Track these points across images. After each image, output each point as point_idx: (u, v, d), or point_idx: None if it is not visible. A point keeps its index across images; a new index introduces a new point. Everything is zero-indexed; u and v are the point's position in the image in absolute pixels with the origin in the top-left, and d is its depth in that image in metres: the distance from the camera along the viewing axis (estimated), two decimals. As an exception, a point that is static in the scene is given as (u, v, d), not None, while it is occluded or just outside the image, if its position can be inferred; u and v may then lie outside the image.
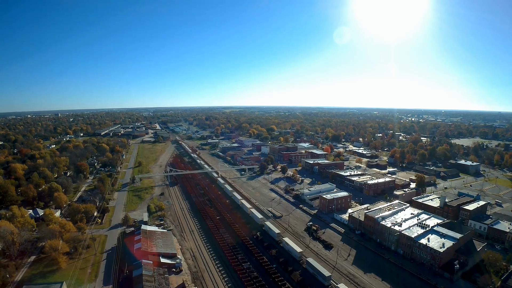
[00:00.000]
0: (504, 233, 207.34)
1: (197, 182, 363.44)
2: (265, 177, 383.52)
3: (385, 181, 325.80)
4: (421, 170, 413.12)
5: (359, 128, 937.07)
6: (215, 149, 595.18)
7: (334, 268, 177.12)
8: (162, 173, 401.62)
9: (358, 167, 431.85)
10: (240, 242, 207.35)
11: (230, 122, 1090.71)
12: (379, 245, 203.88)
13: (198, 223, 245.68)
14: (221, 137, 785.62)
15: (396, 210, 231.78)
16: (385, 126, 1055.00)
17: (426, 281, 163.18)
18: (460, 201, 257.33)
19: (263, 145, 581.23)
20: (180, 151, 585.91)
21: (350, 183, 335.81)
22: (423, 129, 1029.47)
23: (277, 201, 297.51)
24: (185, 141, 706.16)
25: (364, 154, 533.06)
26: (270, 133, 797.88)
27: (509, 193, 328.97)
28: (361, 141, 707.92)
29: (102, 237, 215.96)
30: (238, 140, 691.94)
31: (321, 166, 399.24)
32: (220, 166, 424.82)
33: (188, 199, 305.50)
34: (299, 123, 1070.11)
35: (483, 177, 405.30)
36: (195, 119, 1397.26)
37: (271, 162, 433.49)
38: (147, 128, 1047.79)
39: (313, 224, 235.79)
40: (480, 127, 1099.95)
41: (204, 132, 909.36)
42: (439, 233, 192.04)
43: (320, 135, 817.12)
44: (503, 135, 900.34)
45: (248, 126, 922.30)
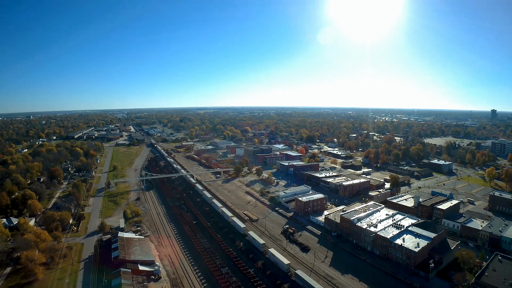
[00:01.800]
0: (476, 231, 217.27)
1: (173, 186, 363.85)
2: (240, 179, 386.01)
3: (360, 182, 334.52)
4: (395, 170, 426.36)
5: (334, 129, 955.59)
6: (190, 152, 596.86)
7: (312, 271, 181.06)
8: (137, 177, 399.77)
9: (333, 168, 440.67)
10: (218, 247, 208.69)
11: (204, 124, 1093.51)
12: (355, 246, 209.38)
13: (175, 228, 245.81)
14: (196, 139, 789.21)
15: (371, 211, 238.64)
16: (359, 126, 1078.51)
17: (402, 280, 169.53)
18: (433, 201, 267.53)
19: (238, 147, 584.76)
20: (155, 154, 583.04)
21: (325, 184, 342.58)
22: (396, 128, 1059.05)
23: (253, 204, 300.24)
24: (160, 144, 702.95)
25: (339, 155, 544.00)
26: (245, 134, 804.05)
27: (481, 191, 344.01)
28: (335, 141, 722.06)
29: (78, 246, 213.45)
30: (213, 142, 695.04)
31: (296, 168, 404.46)
32: (195, 169, 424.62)
33: (165, 204, 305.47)
34: (274, 124, 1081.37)
35: (455, 175, 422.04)
36: (169, 121, 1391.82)
37: (246, 164, 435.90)
38: (122, 131, 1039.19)
39: (290, 227, 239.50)
40: (452, 126, 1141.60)
41: (179, 134, 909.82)
42: (413, 233, 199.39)
43: (294, 136, 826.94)
44: (475, 134, 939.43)
45: (223, 128, 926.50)
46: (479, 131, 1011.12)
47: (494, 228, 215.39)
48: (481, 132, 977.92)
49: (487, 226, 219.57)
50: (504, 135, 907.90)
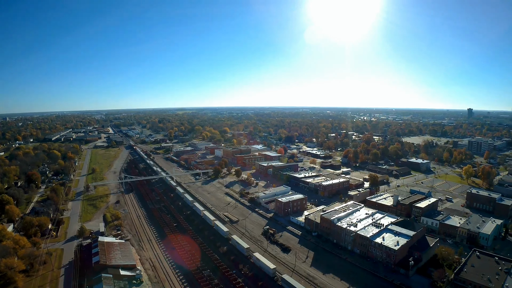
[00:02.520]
0: (455, 228, 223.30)
1: (152, 188, 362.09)
2: (220, 181, 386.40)
3: (339, 182, 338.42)
4: (374, 169, 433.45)
5: (313, 128, 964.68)
6: (169, 153, 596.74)
7: (293, 271, 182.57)
8: (116, 180, 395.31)
9: (312, 168, 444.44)
10: (200, 250, 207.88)
11: (183, 125, 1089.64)
12: (336, 245, 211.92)
13: (155, 231, 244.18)
14: (175, 141, 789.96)
15: (351, 211, 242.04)
16: (338, 126, 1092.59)
17: (383, 278, 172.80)
18: (412, 199, 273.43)
19: (217, 148, 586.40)
20: (135, 156, 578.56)
21: (305, 185, 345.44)
22: (375, 128, 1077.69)
23: (233, 205, 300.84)
24: (138, 146, 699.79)
25: (318, 155, 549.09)
26: (223, 135, 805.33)
27: (459, 188, 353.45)
28: (314, 141, 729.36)
29: (58, 251, 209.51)
30: (192, 144, 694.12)
31: (275, 168, 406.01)
32: (174, 171, 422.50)
33: (145, 206, 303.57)
34: (252, 125, 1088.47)
35: (433, 174, 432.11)
36: (148, 122, 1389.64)
37: (225, 165, 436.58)
38: (100, 132, 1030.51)
39: (270, 227, 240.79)
40: (430, 125, 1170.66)
41: (158, 135, 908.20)
42: (393, 231, 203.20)
43: (273, 136, 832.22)
44: (452, 133, 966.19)
45: (201, 129, 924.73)
46: (456, 129, 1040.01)
47: (471, 225, 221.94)
48: (458, 131, 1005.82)
49: (465, 223, 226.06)
50: (480, 133, 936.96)
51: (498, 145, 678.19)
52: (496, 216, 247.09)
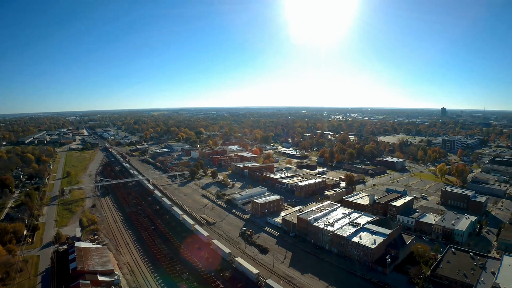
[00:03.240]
0: (430, 225, 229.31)
1: (129, 191, 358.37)
2: (196, 182, 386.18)
3: (315, 182, 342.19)
4: (350, 169, 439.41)
5: (288, 128, 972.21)
6: (145, 155, 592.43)
7: (272, 272, 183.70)
8: (92, 183, 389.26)
9: (288, 169, 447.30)
10: (177, 252, 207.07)
11: (159, 126, 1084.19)
12: (314, 245, 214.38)
13: (133, 235, 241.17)
14: (151, 142, 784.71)
15: (328, 211, 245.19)
16: (313, 126, 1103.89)
17: (361, 276, 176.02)
18: (388, 198, 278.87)
19: (193, 150, 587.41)
20: (110, 158, 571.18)
21: (281, 185, 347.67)
22: (350, 127, 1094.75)
23: (210, 207, 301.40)
24: (114, 148, 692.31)
25: (293, 155, 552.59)
26: (199, 136, 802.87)
27: (433, 186, 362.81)
28: (290, 141, 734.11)
29: (34, 258, 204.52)
30: (168, 145, 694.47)
31: (251, 169, 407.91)
32: (151, 173, 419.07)
33: (121, 210, 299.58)
34: (228, 125, 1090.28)
35: (408, 172, 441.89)
36: (123, 123, 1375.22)
37: (201, 167, 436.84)
38: (74, 135, 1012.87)
39: (247, 229, 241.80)
40: (404, 124, 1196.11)
41: (133, 137, 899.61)
42: (370, 230, 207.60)
43: (249, 136, 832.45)
44: (426, 131, 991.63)
45: (177, 130, 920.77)
46: (430, 128, 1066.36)
47: (446, 222, 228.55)
48: (432, 130, 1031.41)
49: (440, 220, 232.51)
50: (453, 132, 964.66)
51: (471, 143, 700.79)
52: (470, 213, 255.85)
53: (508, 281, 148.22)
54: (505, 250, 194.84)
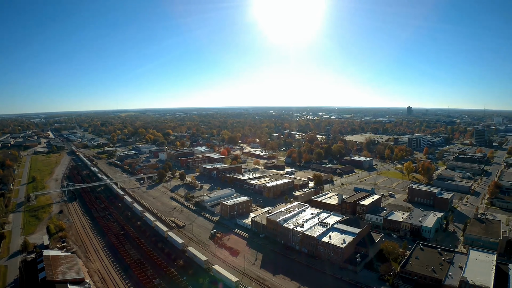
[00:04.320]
0: (398, 223, 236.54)
1: (96, 196, 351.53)
2: (165, 185, 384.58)
3: (284, 183, 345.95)
4: (318, 169, 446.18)
5: (255, 129, 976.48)
6: (112, 158, 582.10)
7: (243, 274, 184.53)
8: (59, 188, 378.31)
9: (256, 169, 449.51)
10: (147, 257, 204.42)
11: (126, 128, 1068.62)
12: (284, 246, 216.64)
13: (102, 241, 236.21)
14: (118, 144, 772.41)
15: (297, 211, 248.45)
16: (281, 126, 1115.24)
17: (332, 275, 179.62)
18: (356, 197, 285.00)
19: (160, 151, 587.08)
20: (77, 162, 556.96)
21: (249, 186, 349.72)
22: (318, 127, 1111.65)
23: (179, 209, 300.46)
24: (81, 150, 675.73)
25: (261, 156, 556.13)
26: (167, 137, 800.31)
27: (400, 184, 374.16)
28: (257, 142, 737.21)
29: (2, 268, 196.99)
30: (135, 147, 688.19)
31: (219, 171, 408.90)
32: (118, 176, 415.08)
33: (89, 215, 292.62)
34: (195, 126, 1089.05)
35: (376, 171, 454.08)
36: (90, 125, 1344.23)
37: (169, 169, 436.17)
38: (40, 137, 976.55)
39: (217, 231, 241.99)
40: (371, 123, 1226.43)
41: (100, 139, 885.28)
42: (339, 229, 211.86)
43: (216, 137, 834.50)
44: (392, 130, 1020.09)
45: (145, 132, 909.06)
46: (396, 127, 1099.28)
47: (414, 219, 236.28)
48: (398, 128, 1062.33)
49: (408, 218, 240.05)
50: (419, 130, 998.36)
51: (436, 141, 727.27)
52: (437, 209, 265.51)
53: (475, 274, 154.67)
54: (471, 244, 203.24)
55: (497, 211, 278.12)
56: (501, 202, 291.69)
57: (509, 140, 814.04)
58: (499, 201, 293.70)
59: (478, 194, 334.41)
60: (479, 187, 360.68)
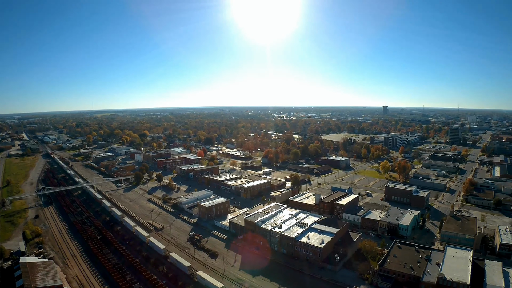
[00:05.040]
0: (375, 222, 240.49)
1: (73, 199, 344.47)
2: (142, 187, 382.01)
3: (261, 183, 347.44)
4: (295, 169, 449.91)
5: (232, 129, 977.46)
6: (88, 160, 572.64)
7: (223, 276, 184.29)
8: (34, 192, 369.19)
9: (233, 170, 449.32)
10: (128, 263, 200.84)
11: (102, 129, 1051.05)
12: (263, 247, 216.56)
13: (80, 246, 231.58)
14: (94, 146, 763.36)
15: (274, 212, 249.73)
16: (257, 126, 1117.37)
17: (311, 275, 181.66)
18: (334, 197, 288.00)
19: (137, 153, 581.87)
20: (53, 165, 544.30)
21: (226, 187, 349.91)
22: (294, 126, 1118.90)
23: (156, 212, 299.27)
24: (56, 153, 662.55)
25: (238, 156, 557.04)
26: (143, 139, 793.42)
27: (377, 183, 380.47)
28: (234, 142, 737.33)
29: None
30: (111, 149, 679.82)
31: (196, 172, 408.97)
32: (95, 179, 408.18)
33: (66, 220, 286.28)
34: (171, 127, 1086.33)
35: (352, 170, 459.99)
36: (65, 126, 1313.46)
37: (146, 170, 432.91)
38: (14, 139, 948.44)
39: (195, 233, 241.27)
40: (348, 122, 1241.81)
41: (76, 141, 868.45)
42: (317, 230, 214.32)
43: (192, 138, 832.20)
44: (368, 129, 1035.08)
45: (121, 133, 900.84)
46: (372, 126, 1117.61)
47: (391, 218, 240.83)
48: (374, 127, 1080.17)
49: (385, 216, 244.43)
50: (395, 129, 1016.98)
51: (412, 140, 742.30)
52: (413, 208, 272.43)
53: (452, 271, 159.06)
54: (448, 241, 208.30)
55: (472, 208, 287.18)
56: (476, 199, 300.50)
57: (483, 138, 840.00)
58: (474, 198, 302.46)
59: (453, 191, 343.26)
60: (454, 184, 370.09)
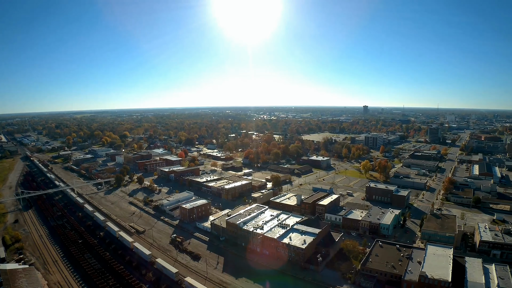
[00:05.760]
0: (357, 221, 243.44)
1: (53, 203, 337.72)
2: (123, 189, 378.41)
3: (242, 184, 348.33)
4: (276, 169, 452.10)
5: (212, 130, 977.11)
6: (68, 162, 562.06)
7: (206, 279, 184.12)
8: (13, 196, 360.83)
9: (214, 171, 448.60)
10: (112, 269, 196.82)
11: (82, 130, 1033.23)
12: (245, 249, 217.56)
13: (60, 251, 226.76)
14: (74, 148, 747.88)
15: (256, 213, 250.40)
16: (238, 126, 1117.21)
17: (294, 276, 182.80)
18: (315, 197, 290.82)
19: (117, 154, 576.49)
20: (32, 168, 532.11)
21: (207, 189, 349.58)
22: (275, 127, 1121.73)
23: (138, 214, 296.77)
24: (35, 155, 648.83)
25: (218, 157, 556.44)
26: (124, 140, 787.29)
27: (358, 183, 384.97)
28: (214, 143, 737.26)
29: None
30: (92, 150, 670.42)
31: (177, 173, 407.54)
32: (75, 182, 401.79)
33: (46, 224, 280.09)
34: (152, 128, 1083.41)
35: (334, 170, 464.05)
36: (44, 128, 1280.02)
37: (127, 172, 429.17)
38: None
39: (177, 236, 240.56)
40: (328, 122, 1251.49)
41: (56, 142, 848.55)
42: (299, 230, 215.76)
43: (173, 139, 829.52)
44: (349, 129, 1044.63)
45: (101, 134, 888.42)
46: (353, 126, 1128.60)
47: (372, 217, 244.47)
48: (355, 127, 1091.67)
49: (366, 216, 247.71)
50: (375, 129, 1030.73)
51: (392, 140, 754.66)
52: (394, 207, 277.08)
53: (433, 268, 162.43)
54: (428, 239, 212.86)
55: (452, 206, 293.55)
56: (456, 197, 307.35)
57: (462, 137, 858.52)
58: (454, 197, 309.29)
59: (433, 190, 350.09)
60: (434, 183, 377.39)
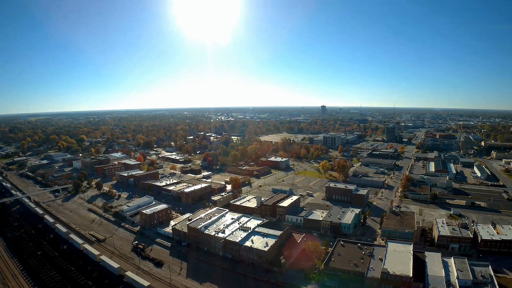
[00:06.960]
0: (318, 222, 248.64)
1: (9, 213, 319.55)
2: (81, 196, 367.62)
3: (201, 187, 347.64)
4: (235, 171, 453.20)
5: (170, 132, 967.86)
6: (23, 169, 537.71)
7: (170, 286, 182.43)
8: None
9: (173, 174, 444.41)
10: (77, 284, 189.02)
11: (37, 134, 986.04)
12: (208, 253, 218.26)
13: (19, 264, 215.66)
14: (29, 153, 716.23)
15: (217, 217, 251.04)
16: (196, 128, 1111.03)
17: (258, 279, 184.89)
18: (275, 199, 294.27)
19: (75, 159, 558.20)
20: None
21: (167, 193, 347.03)
22: (233, 128, 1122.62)
23: (98, 222, 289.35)
24: None
25: (177, 160, 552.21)
26: (81, 144, 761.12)
27: (318, 183, 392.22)
28: (173, 145, 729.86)
29: None
30: (48, 155, 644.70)
31: (136, 178, 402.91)
32: (31, 189, 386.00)
33: (2, 236, 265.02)
34: (110, 131, 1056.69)
35: (293, 171, 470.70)
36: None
37: (85, 178, 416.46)
38: None
39: (139, 242, 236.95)
40: (286, 122, 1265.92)
41: (9, 148, 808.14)
42: (261, 233, 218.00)
43: (132, 142, 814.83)
44: (307, 129, 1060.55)
45: (57, 138, 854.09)
46: (311, 126, 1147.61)
47: (333, 217, 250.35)
48: (313, 127, 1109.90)
49: (327, 216, 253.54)
50: (334, 128, 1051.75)
51: (350, 139, 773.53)
52: (354, 206, 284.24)
53: (395, 265, 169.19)
54: (389, 237, 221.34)
55: (410, 203, 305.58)
56: (413, 194, 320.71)
57: (418, 135, 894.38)
58: (411, 194, 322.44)
59: (391, 188, 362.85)
60: (392, 181, 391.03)
